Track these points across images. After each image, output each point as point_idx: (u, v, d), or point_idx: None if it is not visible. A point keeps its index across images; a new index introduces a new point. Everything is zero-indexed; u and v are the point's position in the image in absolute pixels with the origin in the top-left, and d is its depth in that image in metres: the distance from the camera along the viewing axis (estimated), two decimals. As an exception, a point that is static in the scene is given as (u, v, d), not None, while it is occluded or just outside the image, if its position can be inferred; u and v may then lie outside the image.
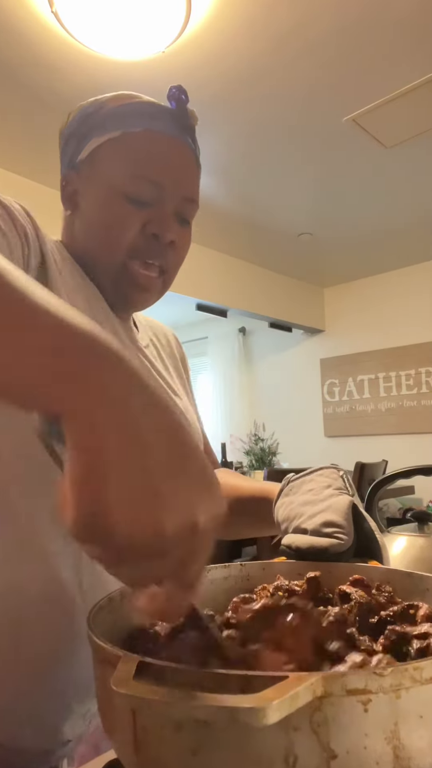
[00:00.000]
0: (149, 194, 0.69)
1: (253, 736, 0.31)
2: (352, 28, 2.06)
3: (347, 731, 0.31)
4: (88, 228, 0.72)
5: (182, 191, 0.72)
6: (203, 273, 4.12)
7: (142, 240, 0.70)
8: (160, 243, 0.71)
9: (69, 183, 0.75)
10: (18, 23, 1.99)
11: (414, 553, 0.90)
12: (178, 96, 0.73)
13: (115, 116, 0.71)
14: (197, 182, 0.76)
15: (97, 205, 0.71)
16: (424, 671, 0.32)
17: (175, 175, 0.71)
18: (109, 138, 0.70)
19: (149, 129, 0.70)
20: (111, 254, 0.71)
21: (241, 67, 2.27)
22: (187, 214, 0.74)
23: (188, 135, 0.75)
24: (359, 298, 4.98)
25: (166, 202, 0.70)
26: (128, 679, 0.31)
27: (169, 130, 0.72)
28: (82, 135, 0.72)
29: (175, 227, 0.72)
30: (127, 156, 0.69)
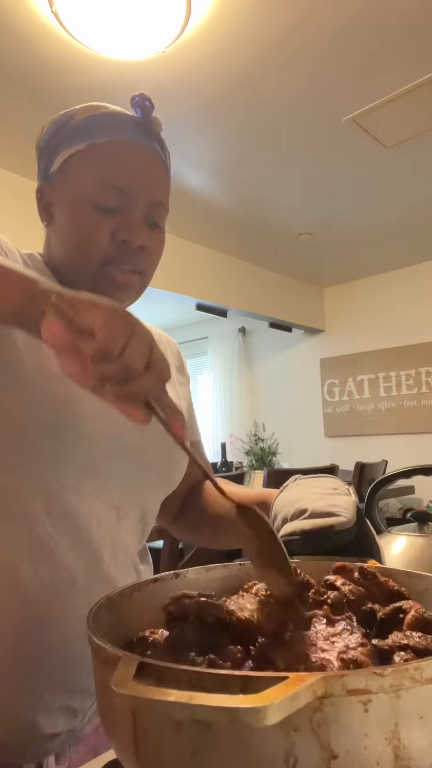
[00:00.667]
0: (115, 201, 0.71)
1: (253, 736, 0.31)
2: (351, 28, 2.06)
3: (347, 731, 0.31)
4: (62, 239, 0.75)
5: (148, 196, 0.73)
6: (203, 273, 4.12)
7: (113, 247, 0.72)
8: (130, 248, 0.72)
9: (43, 195, 0.77)
10: (18, 23, 1.99)
11: (414, 553, 0.90)
12: (141, 103, 0.74)
13: (81, 128, 0.73)
14: (165, 186, 0.77)
15: (67, 215, 0.73)
16: (424, 671, 0.32)
17: (140, 180, 0.73)
18: (76, 149, 0.72)
19: (113, 138, 0.72)
20: (84, 263, 0.73)
21: (241, 67, 2.27)
22: (156, 217, 0.75)
23: (155, 141, 0.76)
24: (359, 298, 4.98)
25: (132, 207, 0.72)
26: (128, 679, 0.31)
27: (133, 137, 0.73)
28: (53, 148, 0.75)
29: (144, 232, 0.73)
30: (93, 166, 0.72)
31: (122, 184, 0.71)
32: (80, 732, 0.73)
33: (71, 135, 0.73)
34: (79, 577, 0.68)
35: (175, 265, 3.84)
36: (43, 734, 0.67)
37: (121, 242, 0.72)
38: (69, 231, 0.73)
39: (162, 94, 2.38)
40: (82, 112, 0.74)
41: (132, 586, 0.54)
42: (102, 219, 0.71)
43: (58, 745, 0.70)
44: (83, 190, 0.71)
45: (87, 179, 0.71)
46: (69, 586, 0.67)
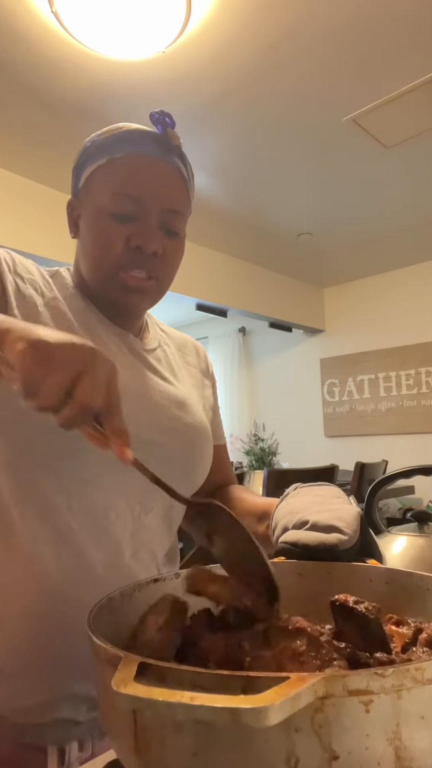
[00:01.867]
0: (130, 209, 0.75)
1: (254, 737, 0.30)
2: (351, 27, 2.06)
3: (349, 732, 0.31)
4: (84, 249, 0.79)
5: (163, 204, 0.76)
6: (203, 273, 4.11)
7: (127, 253, 0.75)
8: (143, 254, 0.75)
9: (73, 210, 0.82)
10: (18, 23, 1.99)
11: (414, 553, 0.90)
12: (162, 120, 0.78)
13: (103, 145, 0.78)
14: (181, 195, 0.79)
15: (88, 226, 0.78)
16: (425, 672, 0.32)
17: (154, 188, 0.76)
18: (98, 165, 0.77)
19: (131, 153, 0.76)
20: (101, 269, 0.77)
21: (241, 67, 2.27)
22: (173, 225, 0.78)
23: (173, 155, 0.79)
24: (359, 298, 4.98)
25: (146, 214, 0.75)
26: (129, 679, 0.31)
27: (150, 151, 0.77)
28: (80, 166, 0.80)
29: (159, 238, 0.76)
30: (111, 178, 0.76)
31: (135, 192, 0.75)
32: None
33: (95, 152, 0.78)
34: (99, 568, 0.70)
35: (175, 265, 3.83)
36: (64, 720, 0.70)
37: (136, 248, 0.75)
38: (89, 241, 0.78)
39: (162, 94, 2.38)
40: (106, 132, 0.79)
41: (132, 586, 0.54)
42: (118, 227, 0.75)
43: (80, 733, 0.72)
44: (102, 201, 0.76)
45: (105, 190, 0.76)
46: (89, 577, 0.70)
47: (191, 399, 0.86)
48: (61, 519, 0.69)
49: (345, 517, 0.63)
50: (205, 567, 0.52)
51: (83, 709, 0.71)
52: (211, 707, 0.28)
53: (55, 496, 0.69)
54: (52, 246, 3.02)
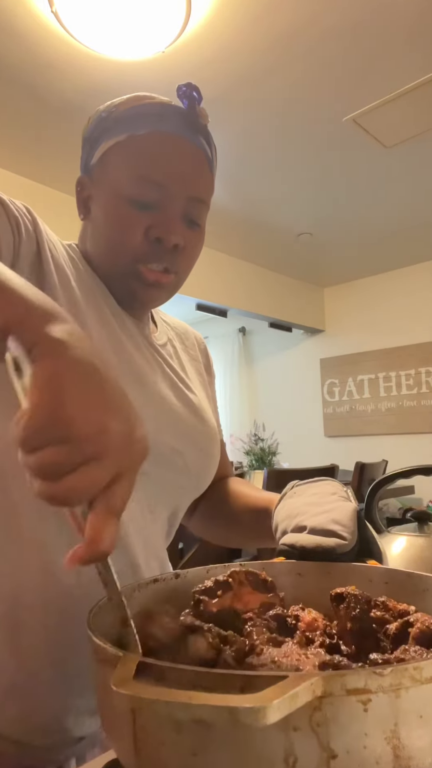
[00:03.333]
0: (152, 196, 0.68)
1: (252, 736, 0.31)
2: (352, 28, 2.06)
3: (347, 731, 0.31)
4: (97, 232, 0.72)
5: (188, 191, 0.69)
6: (203, 273, 4.11)
7: (147, 245, 0.68)
8: (164, 247, 0.69)
9: (83, 188, 0.74)
10: (18, 23, 1.99)
11: (414, 553, 0.90)
12: (189, 94, 0.70)
13: (123, 119, 0.70)
14: (207, 182, 0.73)
15: (103, 209, 0.70)
16: (424, 671, 0.32)
17: (179, 174, 0.69)
18: (116, 141, 0.69)
19: (155, 130, 0.69)
20: (117, 259, 0.70)
21: (241, 67, 2.27)
22: (195, 215, 0.71)
23: (199, 134, 0.72)
24: (359, 298, 4.98)
25: (170, 203, 0.68)
26: (128, 679, 0.31)
27: (176, 129, 0.69)
28: (94, 139, 0.72)
29: (180, 230, 0.69)
30: (132, 158, 0.68)
31: (160, 179, 0.68)
32: (99, 734, 0.72)
33: (113, 126, 0.70)
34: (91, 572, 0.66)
35: (175, 265, 3.83)
36: (71, 738, 0.66)
37: (155, 240, 0.68)
38: (104, 225, 0.70)
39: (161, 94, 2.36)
40: (126, 103, 0.71)
41: (132, 586, 0.54)
42: (137, 214, 0.68)
43: (80, 749, 0.69)
44: (120, 183, 0.68)
45: (125, 172, 0.68)
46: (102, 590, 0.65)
47: (204, 403, 0.82)
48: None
49: (341, 519, 0.62)
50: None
51: (87, 724, 0.67)
52: (210, 706, 0.28)
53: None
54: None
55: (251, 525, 0.83)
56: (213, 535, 0.98)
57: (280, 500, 0.74)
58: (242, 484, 0.93)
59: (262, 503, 0.81)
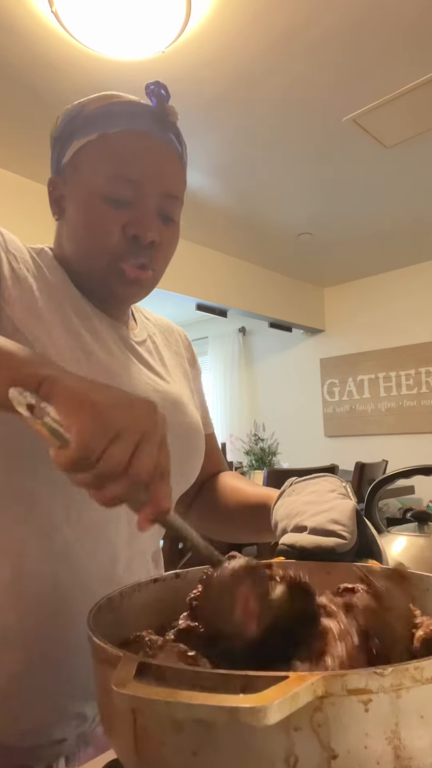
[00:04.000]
0: (127, 193, 0.68)
1: (253, 736, 0.30)
2: (352, 28, 2.06)
3: (348, 731, 0.31)
4: (73, 233, 0.72)
5: (162, 188, 0.70)
6: (203, 273, 4.11)
7: (124, 242, 0.69)
8: (141, 243, 0.69)
9: (55, 188, 0.74)
10: (18, 23, 1.99)
11: (414, 553, 0.90)
12: (157, 92, 0.71)
13: (94, 118, 0.70)
14: (180, 178, 0.74)
15: (78, 209, 0.71)
16: (424, 671, 0.32)
17: (153, 172, 0.70)
18: (88, 140, 0.70)
19: (127, 128, 0.69)
20: (95, 258, 0.71)
21: (241, 67, 2.27)
22: (170, 211, 0.72)
23: (170, 131, 0.73)
24: (359, 298, 4.98)
25: (144, 200, 0.69)
26: (129, 679, 0.31)
27: (147, 127, 0.70)
28: (65, 139, 0.72)
29: (156, 226, 0.70)
30: (105, 157, 0.69)
31: (134, 176, 0.69)
32: (90, 735, 0.73)
33: (84, 125, 0.70)
34: (94, 583, 0.66)
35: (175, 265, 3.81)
36: (56, 740, 0.67)
37: (132, 237, 0.69)
38: (80, 225, 0.71)
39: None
40: (95, 102, 0.72)
41: (132, 586, 0.54)
42: (113, 212, 0.68)
43: (68, 749, 0.70)
44: (94, 181, 0.69)
45: (98, 171, 0.69)
46: (83, 592, 0.65)
47: (185, 396, 0.83)
48: (59, 534, 0.65)
49: (340, 518, 0.62)
50: None
51: (72, 726, 0.68)
52: (211, 706, 0.28)
53: (53, 508, 0.65)
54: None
55: (248, 520, 0.83)
56: (209, 530, 0.98)
57: (279, 497, 0.74)
58: (237, 479, 0.92)
59: (260, 498, 0.80)
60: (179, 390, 0.82)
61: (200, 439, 0.82)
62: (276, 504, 0.73)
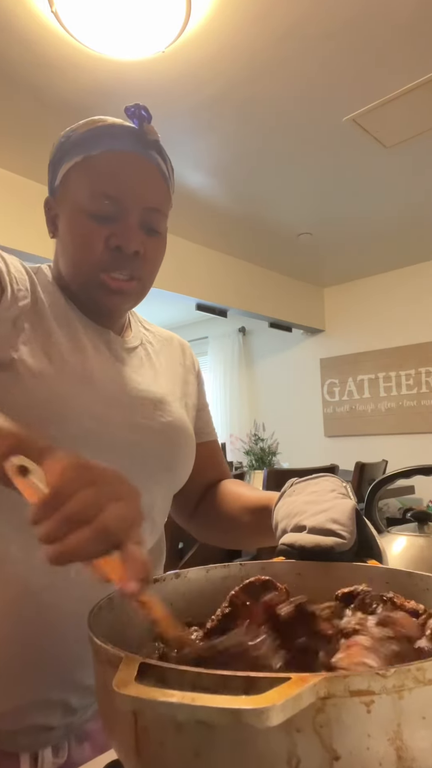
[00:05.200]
0: (109, 210, 0.73)
1: (255, 737, 0.30)
2: (351, 27, 2.06)
3: (350, 732, 0.31)
4: (64, 249, 0.77)
5: (143, 203, 0.75)
6: (203, 273, 4.12)
7: (107, 253, 0.73)
8: (124, 254, 0.73)
9: (50, 209, 0.80)
10: (18, 23, 1.99)
11: (414, 553, 0.90)
12: (138, 113, 0.75)
13: (79, 142, 0.75)
14: (161, 192, 0.78)
15: (67, 226, 0.76)
16: (427, 672, 0.32)
17: (133, 187, 0.74)
18: (74, 163, 0.75)
19: (108, 149, 0.74)
20: (82, 271, 0.75)
21: (241, 67, 2.27)
22: (154, 223, 0.76)
23: (152, 149, 0.77)
24: (359, 298, 4.98)
25: (127, 215, 0.74)
26: (130, 680, 0.31)
27: (127, 147, 0.75)
28: (56, 163, 0.78)
29: (139, 237, 0.74)
30: (88, 177, 0.74)
31: (114, 193, 0.73)
32: (80, 728, 0.73)
33: (71, 149, 0.76)
34: (72, 572, 0.68)
35: (175, 265, 3.84)
36: (37, 725, 0.69)
37: (116, 248, 0.73)
38: (68, 241, 0.76)
39: (162, 93, 2.37)
40: (82, 127, 0.77)
41: (133, 587, 0.54)
42: (97, 227, 0.73)
43: (55, 739, 0.71)
44: (79, 200, 0.74)
45: (83, 189, 0.74)
46: (62, 581, 0.68)
47: (170, 397, 0.84)
48: None
49: (340, 518, 0.62)
50: None
51: (57, 715, 0.69)
52: (213, 708, 0.28)
53: None
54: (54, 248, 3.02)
55: (252, 525, 0.83)
56: (214, 538, 0.99)
57: (280, 498, 0.74)
58: (239, 485, 0.94)
59: (262, 502, 0.81)
60: (164, 391, 0.84)
61: (184, 437, 0.83)
62: (277, 505, 0.73)
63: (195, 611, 0.55)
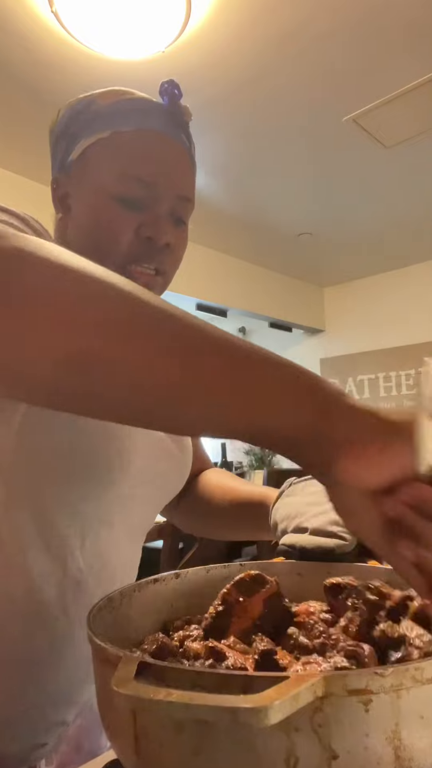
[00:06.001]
0: (141, 195, 0.66)
1: (254, 736, 0.30)
2: (352, 28, 2.06)
3: (348, 731, 0.31)
4: (81, 232, 0.69)
5: (176, 190, 0.69)
6: (203, 273, 4.11)
7: (137, 244, 0.67)
8: (155, 246, 0.67)
9: (60, 186, 0.72)
10: (18, 23, 1.99)
11: (414, 553, 0.90)
12: (171, 91, 0.69)
13: (105, 114, 0.68)
14: (192, 180, 0.73)
15: (88, 208, 0.68)
16: (425, 671, 0.32)
17: (167, 173, 0.68)
18: (99, 138, 0.67)
19: (140, 127, 0.67)
20: (106, 259, 0.67)
21: (241, 67, 2.27)
22: (182, 213, 0.71)
23: (182, 132, 0.72)
24: (359, 298, 4.98)
25: (159, 202, 0.67)
26: (129, 679, 0.31)
27: (161, 127, 0.68)
28: (72, 135, 0.69)
29: (170, 228, 0.69)
30: (118, 156, 0.67)
31: (149, 177, 0.66)
32: (64, 735, 0.72)
33: (93, 121, 0.68)
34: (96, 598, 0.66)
35: (175, 265, 3.84)
36: (38, 743, 0.67)
37: (146, 239, 0.67)
38: (89, 224, 0.68)
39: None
40: (105, 97, 0.69)
41: (132, 586, 0.54)
42: (126, 213, 0.66)
43: (47, 752, 0.70)
44: (106, 180, 0.66)
45: (110, 170, 0.67)
46: (85, 609, 0.64)
47: None
48: (72, 561, 0.63)
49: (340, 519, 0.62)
50: None
51: (55, 733, 0.67)
52: (211, 707, 0.28)
53: (67, 534, 0.63)
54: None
55: (242, 519, 0.83)
56: (199, 529, 0.98)
57: (278, 498, 0.74)
58: (225, 476, 0.92)
59: (254, 498, 0.80)
60: None
61: (190, 462, 0.83)
62: (275, 505, 0.73)
63: (195, 611, 0.55)
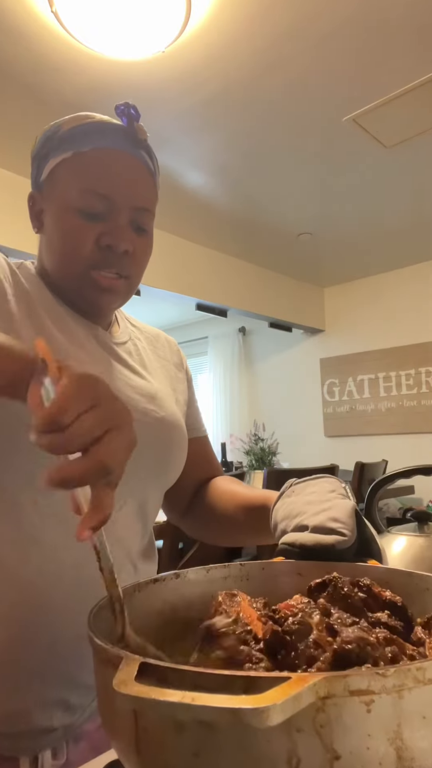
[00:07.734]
0: (100, 207, 0.73)
1: (255, 737, 0.30)
2: (351, 27, 2.06)
3: (350, 732, 0.31)
4: (50, 245, 0.77)
5: (133, 202, 0.75)
6: (203, 273, 4.11)
7: (98, 252, 0.74)
8: (114, 253, 0.74)
9: (35, 203, 0.80)
10: (18, 23, 1.99)
11: (414, 553, 0.90)
12: (127, 111, 0.76)
13: (68, 138, 0.75)
14: (150, 191, 0.79)
15: (55, 222, 0.76)
16: (426, 671, 0.32)
17: (123, 186, 0.75)
18: (63, 158, 0.75)
19: (97, 146, 0.74)
20: (71, 268, 0.75)
21: (240, 67, 2.27)
22: (142, 222, 0.77)
23: (140, 148, 0.78)
24: (359, 298, 4.98)
25: (117, 213, 0.74)
26: (130, 680, 0.31)
27: (117, 145, 0.75)
28: (42, 157, 0.77)
29: (129, 237, 0.75)
30: (78, 173, 0.74)
31: (105, 191, 0.73)
32: (79, 728, 0.73)
33: (59, 144, 0.75)
34: (69, 569, 0.68)
35: (175, 265, 3.84)
36: (38, 727, 0.68)
37: (106, 247, 0.74)
38: (56, 237, 0.76)
39: (162, 93, 2.38)
40: (69, 122, 0.77)
41: (132, 586, 0.54)
42: (87, 224, 0.73)
43: (54, 740, 0.71)
44: (69, 196, 0.74)
45: (72, 186, 0.74)
46: (60, 579, 0.68)
47: (162, 392, 0.85)
48: (26, 519, 0.67)
49: (340, 516, 0.62)
50: None
51: (57, 715, 0.69)
52: (213, 707, 0.28)
53: (19, 494, 0.67)
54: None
55: (247, 523, 0.84)
56: (207, 536, 0.99)
57: (279, 499, 0.74)
58: (233, 483, 0.94)
59: (258, 501, 0.81)
60: (156, 387, 0.84)
61: (178, 433, 0.84)
62: (275, 505, 0.73)
63: (195, 611, 0.55)
